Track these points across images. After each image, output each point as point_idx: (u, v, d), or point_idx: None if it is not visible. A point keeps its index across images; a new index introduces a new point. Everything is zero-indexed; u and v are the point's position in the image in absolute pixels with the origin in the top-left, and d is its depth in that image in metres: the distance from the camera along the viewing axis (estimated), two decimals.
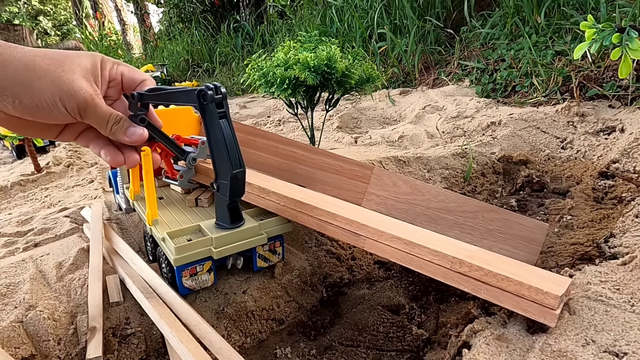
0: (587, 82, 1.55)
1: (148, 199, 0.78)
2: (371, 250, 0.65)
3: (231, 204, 0.72)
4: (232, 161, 0.66)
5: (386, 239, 0.63)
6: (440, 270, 0.58)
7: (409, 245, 0.60)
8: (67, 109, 0.45)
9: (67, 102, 0.45)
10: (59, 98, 0.44)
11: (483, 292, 0.54)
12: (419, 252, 0.60)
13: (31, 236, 1.02)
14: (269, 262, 0.84)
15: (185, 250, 0.71)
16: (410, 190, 0.90)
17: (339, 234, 0.68)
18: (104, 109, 0.49)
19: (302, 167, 0.97)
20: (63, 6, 13.05)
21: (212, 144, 0.66)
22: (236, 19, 4.51)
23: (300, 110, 1.29)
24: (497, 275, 0.53)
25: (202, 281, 0.76)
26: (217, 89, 0.62)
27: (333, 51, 1.11)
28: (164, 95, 0.56)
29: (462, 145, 1.37)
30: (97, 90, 0.48)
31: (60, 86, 0.44)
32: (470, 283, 0.55)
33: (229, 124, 0.66)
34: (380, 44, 2.60)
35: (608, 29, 0.80)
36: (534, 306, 0.51)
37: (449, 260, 0.57)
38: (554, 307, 0.49)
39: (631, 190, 1.01)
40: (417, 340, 0.76)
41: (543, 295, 0.50)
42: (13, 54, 0.43)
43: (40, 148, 1.92)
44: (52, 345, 0.69)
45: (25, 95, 0.43)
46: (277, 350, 0.77)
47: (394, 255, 0.62)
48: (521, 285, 0.51)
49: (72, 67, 0.45)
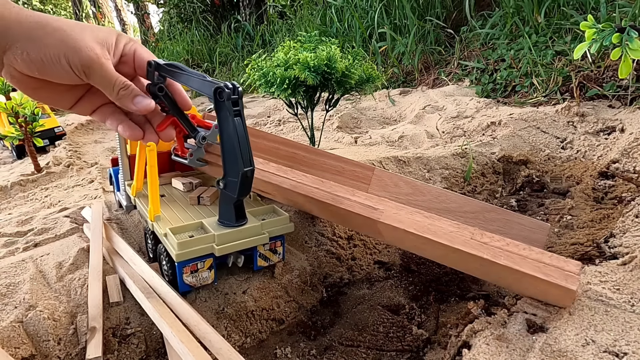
0: (587, 82, 1.55)
1: (151, 195, 0.79)
2: (387, 221, 0.63)
3: (237, 202, 0.73)
4: (243, 159, 0.67)
5: (406, 212, 0.63)
6: (460, 239, 0.58)
7: (429, 218, 0.61)
8: (70, 65, 0.45)
9: (71, 58, 0.45)
10: (64, 53, 0.45)
11: (503, 257, 0.55)
12: (440, 224, 0.60)
13: (31, 236, 1.02)
14: (270, 262, 0.84)
15: (187, 246, 0.71)
16: (411, 190, 0.90)
17: (355, 207, 0.68)
18: (110, 71, 0.49)
19: (303, 168, 0.97)
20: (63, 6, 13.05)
21: (224, 140, 0.67)
22: (236, 19, 4.51)
23: (300, 110, 1.29)
24: (519, 245, 0.54)
25: (203, 278, 0.76)
26: (235, 88, 0.63)
27: (333, 51, 1.11)
28: (179, 75, 0.57)
29: (462, 145, 1.37)
30: (106, 54, 0.48)
31: (67, 42, 0.45)
32: (490, 251, 0.56)
33: (243, 122, 0.67)
34: (380, 43, 2.60)
35: (608, 29, 0.80)
36: (556, 270, 0.51)
37: (469, 232, 0.57)
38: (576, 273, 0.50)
39: (631, 190, 1.01)
40: (417, 340, 0.76)
41: (565, 263, 0.51)
42: (30, 14, 0.44)
43: (40, 148, 1.92)
44: (52, 345, 0.69)
45: (33, 48, 0.44)
46: (277, 350, 0.77)
47: (412, 225, 0.61)
48: (543, 254, 0.52)
49: (83, 29, 0.46)
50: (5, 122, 1.94)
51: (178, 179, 0.99)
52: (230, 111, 0.64)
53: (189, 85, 0.59)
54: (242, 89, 0.65)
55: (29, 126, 1.63)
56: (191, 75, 0.58)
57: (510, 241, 0.55)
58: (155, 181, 0.78)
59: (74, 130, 2.39)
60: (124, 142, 0.99)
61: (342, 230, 1.02)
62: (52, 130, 2.11)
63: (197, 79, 0.60)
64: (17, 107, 1.57)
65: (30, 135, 1.64)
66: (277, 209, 0.86)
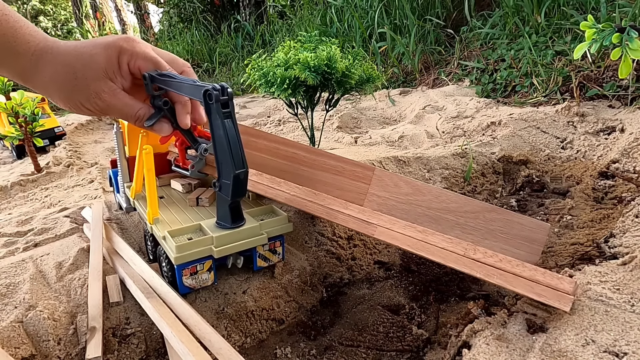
0: (587, 82, 1.55)
1: (149, 198, 0.78)
2: (381, 237, 0.64)
3: (232, 203, 0.73)
4: (235, 161, 0.67)
5: (399, 227, 0.63)
6: (453, 256, 0.58)
7: (422, 232, 0.61)
8: (90, 110, 0.52)
9: (88, 106, 0.51)
10: (80, 102, 0.51)
11: (496, 277, 0.55)
12: (433, 240, 0.60)
13: (31, 236, 1.02)
14: (269, 262, 0.84)
15: (185, 249, 0.71)
16: (412, 190, 0.90)
17: (349, 222, 0.68)
18: (121, 109, 0.54)
19: (303, 168, 0.97)
20: (63, 6, 13.04)
21: (215, 143, 0.67)
22: (236, 19, 4.51)
23: (300, 110, 1.29)
24: (512, 262, 0.53)
25: (202, 280, 0.76)
26: (224, 89, 0.63)
27: (333, 51, 1.11)
28: (171, 83, 0.57)
29: (462, 145, 1.37)
30: (114, 89, 0.52)
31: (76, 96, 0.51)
32: (482, 269, 0.56)
33: (234, 124, 0.66)
34: (380, 43, 2.60)
35: (608, 29, 0.80)
36: (549, 291, 0.51)
37: (462, 247, 0.57)
38: (569, 292, 0.50)
39: (631, 190, 1.01)
40: (417, 340, 0.76)
41: (558, 281, 0.50)
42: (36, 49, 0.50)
43: (40, 148, 1.92)
44: (52, 345, 0.69)
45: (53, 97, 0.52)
46: (277, 350, 0.77)
47: (406, 242, 0.62)
48: (536, 271, 0.52)
49: (85, 75, 0.50)
50: (5, 122, 1.94)
51: (177, 180, 0.99)
52: (219, 113, 0.63)
53: (181, 92, 0.59)
54: (232, 91, 0.64)
55: (29, 126, 1.63)
56: (182, 82, 0.58)
57: (502, 257, 0.54)
58: (152, 184, 0.78)
59: (74, 130, 2.39)
60: (122, 144, 0.99)
61: (342, 230, 1.02)
62: (52, 130, 2.11)
63: (188, 85, 0.59)
64: (17, 107, 1.57)
65: (30, 135, 1.64)
66: (275, 209, 0.86)
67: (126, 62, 0.52)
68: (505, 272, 0.54)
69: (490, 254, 0.55)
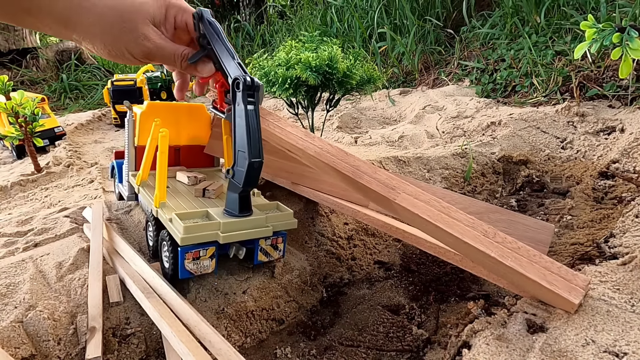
0: (587, 82, 1.55)
1: (159, 181, 0.79)
2: (403, 203, 0.62)
3: (243, 192, 0.74)
4: (252, 149, 0.68)
5: (424, 197, 0.62)
6: (472, 233, 0.57)
7: (446, 208, 0.60)
8: (133, 55, 0.53)
9: (132, 50, 0.52)
10: (125, 47, 0.52)
11: (510, 259, 0.54)
12: (455, 216, 0.59)
13: (31, 236, 1.02)
14: (270, 257, 0.84)
15: (192, 231, 0.72)
16: None
17: (372, 183, 0.67)
18: (167, 50, 0.55)
19: (309, 169, 0.97)
20: None
21: (236, 130, 0.68)
22: (236, 19, 4.51)
23: (301, 110, 1.29)
24: (530, 251, 0.53)
25: (204, 267, 0.76)
26: (253, 80, 0.66)
27: (334, 51, 1.11)
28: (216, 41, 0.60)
29: (462, 145, 1.37)
30: (159, 34, 0.54)
31: (124, 34, 0.51)
32: (499, 249, 0.55)
33: (257, 114, 0.68)
34: (380, 44, 2.60)
35: (608, 28, 0.80)
36: (561, 281, 0.51)
37: (483, 229, 0.57)
38: (582, 287, 0.50)
39: (631, 190, 1.01)
40: (417, 340, 0.76)
41: (573, 277, 0.50)
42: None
43: (40, 148, 1.92)
44: (52, 345, 0.69)
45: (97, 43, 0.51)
46: (277, 350, 0.77)
47: (426, 212, 0.60)
48: (552, 263, 0.52)
49: (133, 17, 0.51)
50: (5, 122, 1.94)
51: (183, 173, 0.99)
52: (245, 100, 0.66)
53: (219, 55, 0.61)
54: (262, 83, 0.68)
55: (29, 126, 1.62)
56: (225, 46, 0.60)
57: (523, 245, 0.54)
58: (164, 167, 0.79)
59: (74, 130, 2.38)
60: (133, 133, 0.99)
61: (342, 230, 1.02)
62: (52, 130, 2.11)
63: (229, 55, 0.61)
64: (17, 107, 1.57)
65: (30, 135, 1.64)
66: (280, 206, 0.86)
67: (173, 15, 0.56)
68: (521, 257, 0.54)
69: (510, 240, 0.55)
